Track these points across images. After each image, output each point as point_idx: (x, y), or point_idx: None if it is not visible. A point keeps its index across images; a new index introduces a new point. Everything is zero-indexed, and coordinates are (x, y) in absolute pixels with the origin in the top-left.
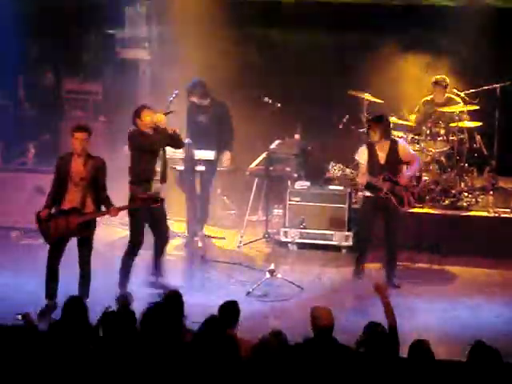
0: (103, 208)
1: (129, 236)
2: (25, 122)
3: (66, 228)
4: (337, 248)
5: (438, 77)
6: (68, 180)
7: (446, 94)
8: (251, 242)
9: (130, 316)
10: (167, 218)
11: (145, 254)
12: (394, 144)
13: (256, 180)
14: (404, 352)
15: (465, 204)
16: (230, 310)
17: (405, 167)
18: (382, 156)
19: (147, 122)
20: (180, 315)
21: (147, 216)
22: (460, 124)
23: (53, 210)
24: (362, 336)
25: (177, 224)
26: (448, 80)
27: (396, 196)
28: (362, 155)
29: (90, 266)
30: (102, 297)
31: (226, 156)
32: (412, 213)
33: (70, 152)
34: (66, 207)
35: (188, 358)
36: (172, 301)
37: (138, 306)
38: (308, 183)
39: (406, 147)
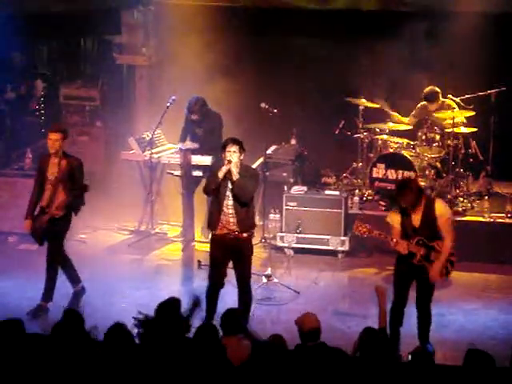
0: None
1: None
2: (22, 127)
3: (40, 226)
4: (333, 253)
5: (427, 90)
6: (45, 180)
7: (441, 100)
8: None
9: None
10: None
11: None
12: (430, 203)
13: None
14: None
15: (460, 209)
16: (231, 317)
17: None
18: (415, 218)
19: None
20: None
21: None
22: (455, 129)
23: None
24: (359, 341)
25: (174, 229)
26: (437, 89)
27: (431, 263)
28: (394, 218)
29: (56, 272)
30: (99, 302)
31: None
32: None
33: (49, 153)
34: (42, 205)
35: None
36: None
37: None
38: (304, 188)
39: (443, 207)
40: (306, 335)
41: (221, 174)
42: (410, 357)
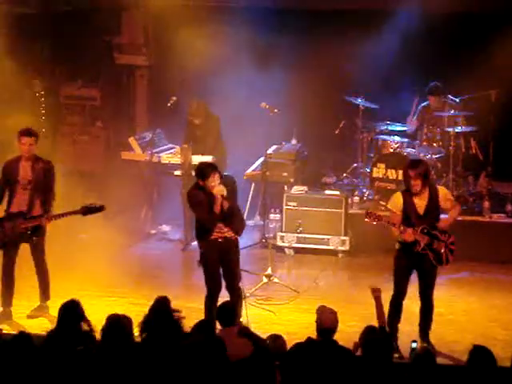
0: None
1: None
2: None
3: (13, 232)
4: (333, 252)
5: (432, 85)
6: (16, 184)
7: (442, 100)
8: (248, 246)
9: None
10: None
11: None
12: (434, 190)
13: (253, 185)
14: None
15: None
16: (227, 310)
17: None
18: (420, 205)
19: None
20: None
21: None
22: (456, 129)
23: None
24: (360, 340)
25: (173, 229)
26: (441, 86)
27: (433, 251)
28: (396, 203)
29: (47, 271)
30: (99, 303)
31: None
32: None
33: (18, 156)
34: (14, 210)
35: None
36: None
37: None
38: (305, 188)
39: (447, 194)
40: (322, 331)
41: (217, 210)
42: (412, 345)
